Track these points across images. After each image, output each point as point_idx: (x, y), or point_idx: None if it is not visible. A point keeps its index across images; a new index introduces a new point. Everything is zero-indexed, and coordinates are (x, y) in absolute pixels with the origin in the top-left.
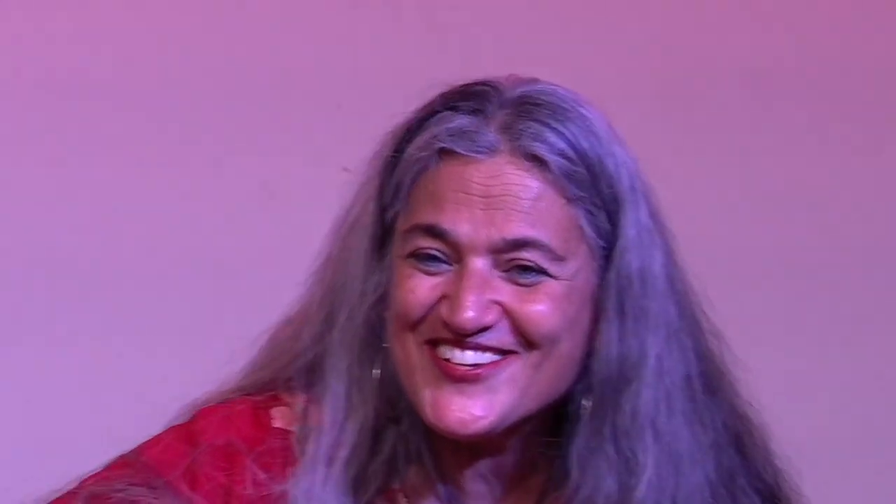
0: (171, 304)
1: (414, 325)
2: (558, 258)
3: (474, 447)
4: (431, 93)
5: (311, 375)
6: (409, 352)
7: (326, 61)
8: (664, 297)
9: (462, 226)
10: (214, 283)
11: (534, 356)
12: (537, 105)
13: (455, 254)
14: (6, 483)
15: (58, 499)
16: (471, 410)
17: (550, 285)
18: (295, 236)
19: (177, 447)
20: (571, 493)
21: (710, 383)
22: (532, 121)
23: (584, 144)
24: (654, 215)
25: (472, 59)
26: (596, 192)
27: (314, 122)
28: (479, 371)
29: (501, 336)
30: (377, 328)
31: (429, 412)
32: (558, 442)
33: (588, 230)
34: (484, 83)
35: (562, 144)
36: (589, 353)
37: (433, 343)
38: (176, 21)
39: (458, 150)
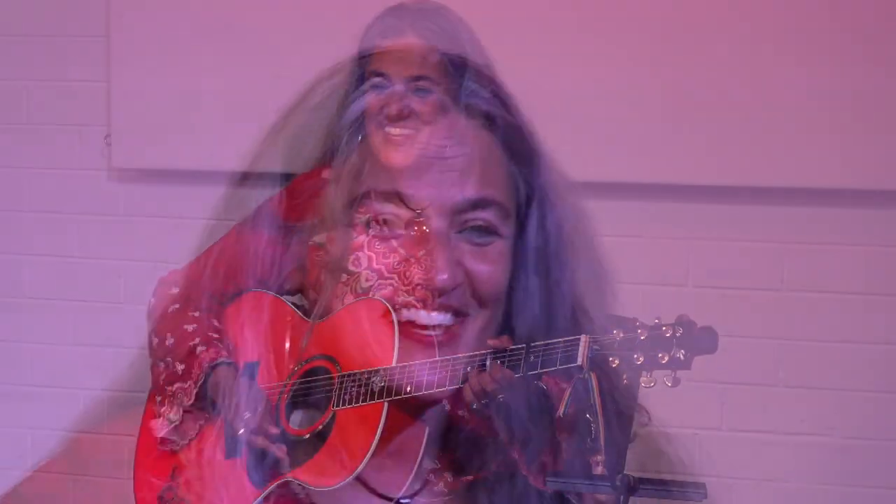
0: None
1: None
2: (507, 216)
3: None
4: None
5: None
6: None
7: None
8: (573, 254)
9: (423, 189)
10: None
11: (481, 318)
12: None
13: (414, 217)
14: None
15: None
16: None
17: (499, 245)
18: None
19: None
20: None
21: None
22: (470, 82)
23: (510, 101)
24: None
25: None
26: (522, 145)
27: None
28: (440, 337)
29: (461, 295)
30: None
31: None
32: None
33: (521, 186)
34: None
35: (498, 102)
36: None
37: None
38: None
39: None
